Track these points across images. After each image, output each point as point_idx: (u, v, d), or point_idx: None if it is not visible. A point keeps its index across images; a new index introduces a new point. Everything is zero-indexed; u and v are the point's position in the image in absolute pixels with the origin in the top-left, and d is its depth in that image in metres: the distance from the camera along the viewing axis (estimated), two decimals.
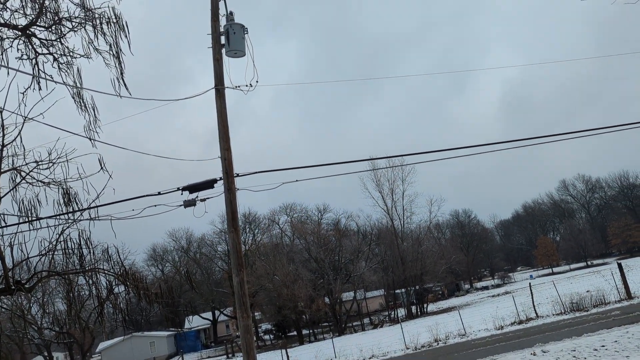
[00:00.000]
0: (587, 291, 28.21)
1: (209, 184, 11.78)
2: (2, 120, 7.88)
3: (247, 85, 11.61)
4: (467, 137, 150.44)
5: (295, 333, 52.81)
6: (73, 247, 8.16)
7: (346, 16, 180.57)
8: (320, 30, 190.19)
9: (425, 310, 56.51)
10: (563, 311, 25.38)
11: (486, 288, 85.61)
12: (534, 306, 27.42)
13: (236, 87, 11.66)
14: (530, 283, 34.59)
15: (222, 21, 11.31)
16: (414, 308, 56.15)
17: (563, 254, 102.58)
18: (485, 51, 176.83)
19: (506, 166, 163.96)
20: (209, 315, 76.66)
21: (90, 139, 7.82)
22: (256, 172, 12.01)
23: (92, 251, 8.31)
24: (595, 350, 14.90)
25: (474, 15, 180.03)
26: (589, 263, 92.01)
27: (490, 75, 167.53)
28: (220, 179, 11.31)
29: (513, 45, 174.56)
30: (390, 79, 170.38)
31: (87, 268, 8.03)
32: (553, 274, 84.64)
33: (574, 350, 15.12)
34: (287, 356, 24.43)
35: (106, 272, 8.16)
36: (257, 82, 11.57)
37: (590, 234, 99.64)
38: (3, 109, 7.80)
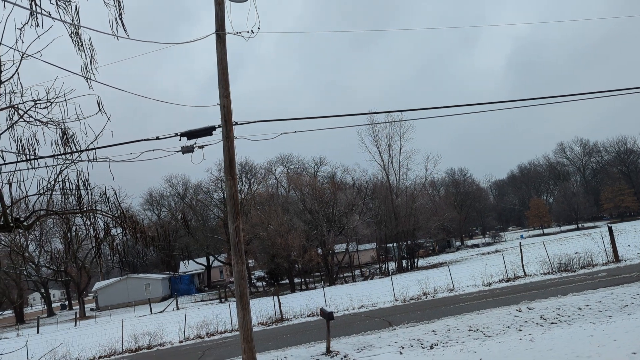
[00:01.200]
0: (576, 253, 28.74)
1: (207, 131, 11.73)
2: None
3: (248, 32, 11.37)
4: (472, 95, 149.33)
5: (287, 281, 53.97)
6: (71, 187, 8.20)
7: None
8: None
9: (415, 264, 57.62)
10: (551, 271, 25.92)
11: (477, 246, 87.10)
12: (522, 265, 27.98)
13: (237, 32, 11.42)
14: (520, 242, 35.19)
15: None
16: (404, 262, 57.21)
17: (555, 216, 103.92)
18: (498, 5, 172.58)
19: (505, 127, 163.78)
20: (203, 260, 78.11)
21: (87, 79, 7.71)
22: (255, 122, 11.93)
23: (90, 192, 8.36)
24: (580, 309, 15.34)
25: None
26: (579, 226, 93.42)
27: (500, 31, 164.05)
28: (219, 126, 11.26)
29: (525, 1, 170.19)
30: (399, 30, 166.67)
31: (85, 209, 8.10)
32: (544, 235, 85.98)
33: (559, 309, 15.56)
34: (279, 302, 25.03)
35: (104, 213, 8.24)
36: (258, 28, 11.32)
37: (584, 197, 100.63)
38: (0, 44, 7.66)
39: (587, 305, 15.56)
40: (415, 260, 58.99)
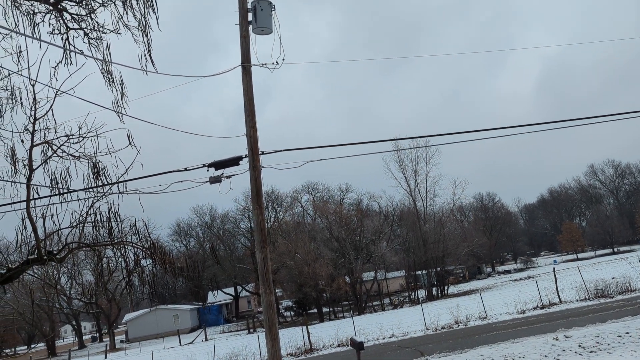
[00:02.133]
0: (613, 278, 27.77)
1: (234, 161, 11.85)
2: (35, 94, 8.06)
3: (273, 63, 11.56)
4: (500, 119, 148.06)
5: (315, 310, 53.42)
6: (102, 219, 8.37)
7: None
8: (357, 1, 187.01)
9: (445, 292, 56.46)
10: (587, 297, 25.06)
11: (508, 272, 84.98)
12: (557, 291, 27.14)
13: (262, 64, 11.62)
14: (554, 268, 34.21)
15: None
16: (434, 290, 56.14)
17: (589, 240, 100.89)
18: (526, 27, 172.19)
19: (533, 150, 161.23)
20: (231, 290, 78.06)
21: (118, 114, 7.94)
22: (281, 151, 12.05)
23: (120, 224, 8.50)
24: (620, 336, 14.73)
25: None
26: (615, 250, 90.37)
27: (529, 54, 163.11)
28: (246, 156, 11.38)
29: (552, 21, 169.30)
30: (425, 60, 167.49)
31: (115, 241, 8.22)
32: (578, 259, 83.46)
33: (598, 337, 14.97)
34: (308, 332, 24.73)
35: (134, 244, 8.35)
36: (283, 60, 11.51)
37: (618, 220, 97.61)
38: (35, 82, 7.97)
39: (628, 333, 14.93)
40: (446, 287, 57.82)
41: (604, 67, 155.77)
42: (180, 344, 44.23)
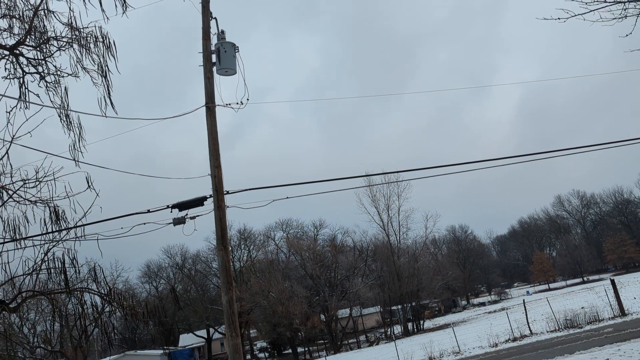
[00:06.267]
0: (582, 307, 28.12)
1: (198, 202, 11.72)
2: None
3: (237, 103, 11.66)
4: (482, 145, 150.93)
5: (290, 351, 52.33)
6: (59, 266, 8.14)
7: (373, 12, 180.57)
8: (345, 26, 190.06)
9: (421, 326, 56.17)
10: (557, 328, 25.27)
11: (483, 304, 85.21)
12: (527, 323, 27.30)
13: (227, 104, 11.70)
14: (524, 300, 34.48)
15: (214, 40, 11.42)
16: (410, 325, 55.81)
17: (559, 270, 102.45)
18: (506, 54, 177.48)
19: (505, 182, 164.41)
20: (203, 333, 75.93)
21: (75, 160, 7.83)
22: (246, 190, 11.97)
23: (78, 270, 8.26)
24: None
25: (496, 16, 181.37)
26: (585, 279, 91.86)
27: (510, 79, 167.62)
28: (210, 196, 11.32)
29: (531, 50, 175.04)
30: (409, 83, 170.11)
31: (72, 288, 7.98)
32: (550, 289, 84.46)
33: None
34: None
35: (90, 291, 8.12)
36: (247, 99, 11.63)
37: (586, 250, 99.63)
38: None
39: None
40: (421, 322, 57.59)
41: (578, 95, 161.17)
42: None
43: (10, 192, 8.16)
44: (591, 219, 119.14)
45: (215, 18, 11.47)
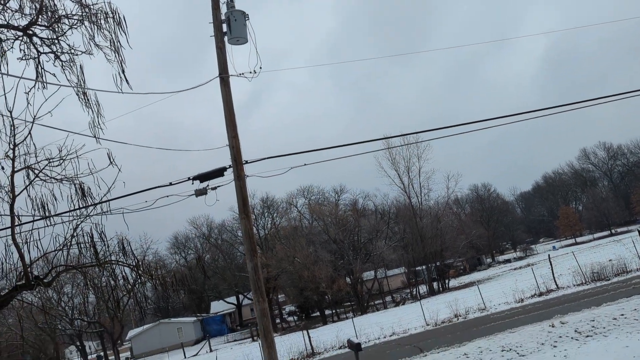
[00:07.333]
0: (609, 260, 27.92)
1: (218, 172, 11.85)
2: (12, 120, 8.08)
3: (251, 72, 11.63)
4: (504, 100, 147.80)
5: (318, 314, 53.42)
6: (88, 240, 8.40)
7: None
8: None
9: (447, 285, 56.60)
10: (584, 281, 25.22)
11: (508, 261, 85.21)
12: (554, 278, 27.28)
13: (240, 74, 11.68)
14: (549, 255, 34.30)
15: (223, 9, 11.29)
16: (435, 284, 56.24)
17: (586, 224, 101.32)
18: (528, 5, 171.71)
19: (526, 137, 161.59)
20: (233, 299, 77.87)
21: (95, 137, 7.95)
22: (264, 159, 12.03)
23: (106, 244, 8.53)
24: (615, 319, 14.84)
25: None
26: (613, 231, 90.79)
27: (533, 30, 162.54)
28: (230, 166, 11.43)
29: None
30: (429, 39, 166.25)
31: (101, 261, 8.25)
32: (576, 244, 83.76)
33: (593, 321, 15.08)
34: (309, 337, 24.79)
35: (120, 263, 8.39)
36: (260, 68, 11.58)
37: (614, 202, 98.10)
38: (12, 109, 7.99)
39: (622, 315, 15.05)
40: (447, 281, 57.96)
41: (607, 46, 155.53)
42: (185, 357, 44.16)
43: (36, 172, 8.38)
44: (618, 171, 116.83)
45: None
